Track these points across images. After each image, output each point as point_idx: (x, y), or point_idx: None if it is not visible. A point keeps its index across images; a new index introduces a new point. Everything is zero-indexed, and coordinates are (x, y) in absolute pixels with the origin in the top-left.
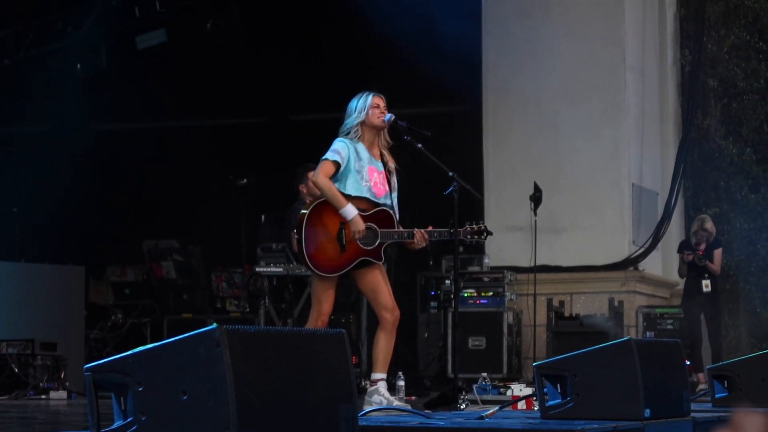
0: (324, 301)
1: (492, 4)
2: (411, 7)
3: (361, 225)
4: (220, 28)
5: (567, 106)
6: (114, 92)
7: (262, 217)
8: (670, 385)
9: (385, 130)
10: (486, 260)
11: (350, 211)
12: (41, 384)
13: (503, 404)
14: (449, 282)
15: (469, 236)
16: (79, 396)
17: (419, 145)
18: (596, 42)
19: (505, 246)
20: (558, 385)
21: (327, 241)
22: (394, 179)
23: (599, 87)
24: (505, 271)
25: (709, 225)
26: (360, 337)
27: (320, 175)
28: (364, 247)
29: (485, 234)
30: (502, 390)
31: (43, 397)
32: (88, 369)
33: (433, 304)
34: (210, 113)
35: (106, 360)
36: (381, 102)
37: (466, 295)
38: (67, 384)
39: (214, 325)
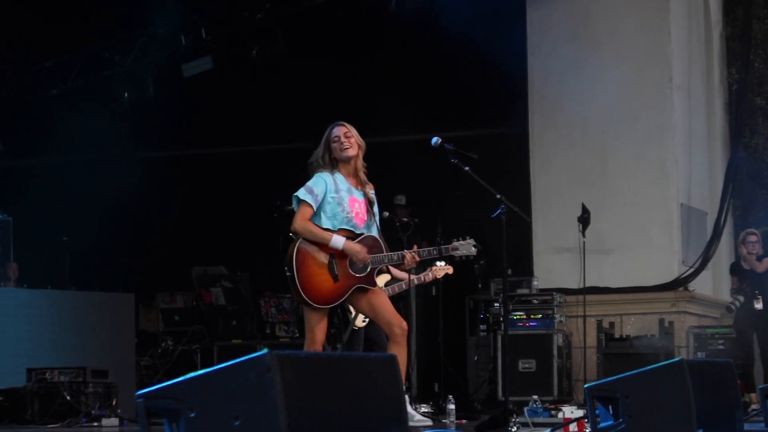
0: (318, 331)
1: (537, 26)
2: (457, 31)
3: (355, 247)
4: (266, 54)
5: (614, 126)
6: (161, 120)
7: None
8: (722, 406)
9: (359, 156)
10: (535, 282)
11: (338, 240)
12: (93, 411)
13: (555, 427)
14: (498, 305)
15: (457, 252)
16: (131, 423)
17: (466, 168)
18: (642, 62)
19: (553, 268)
20: (610, 407)
21: (319, 273)
22: (375, 207)
23: (646, 107)
24: (554, 292)
25: (754, 231)
26: (410, 360)
27: (299, 221)
28: (357, 275)
29: (474, 248)
30: (553, 412)
31: (95, 424)
32: (140, 395)
33: (482, 327)
34: (256, 139)
35: (157, 386)
36: (342, 131)
37: (515, 317)
38: (119, 411)
39: (265, 350)
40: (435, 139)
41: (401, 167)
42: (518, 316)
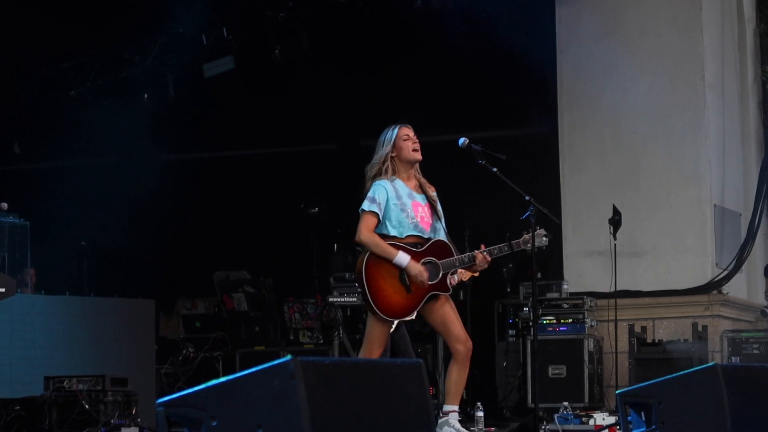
0: (378, 346)
1: (566, 24)
2: (484, 29)
3: (418, 268)
4: (288, 54)
5: (645, 126)
6: (182, 121)
7: (335, 246)
8: (757, 412)
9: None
10: (565, 286)
11: (403, 258)
12: (112, 420)
13: None
14: (527, 309)
15: (529, 246)
16: None
17: (494, 169)
18: (674, 60)
19: (584, 271)
20: (642, 414)
21: (391, 284)
22: (438, 208)
23: (678, 106)
24: (585, 296)
25: None
26: (437, 367)
27: (363, 232)
28: (429, 282)
29: (545, 238)
30: (584, 419)
31: None
32: (160, 404)
33: (511, 332)
34: (280, 141)
35: (178, 394)
36: (410, 132)
37: (545, 322)
38: (139, 420)
39: (289, 356)
40: (462, 140)
41: (428, 169)
42: (548, 321)
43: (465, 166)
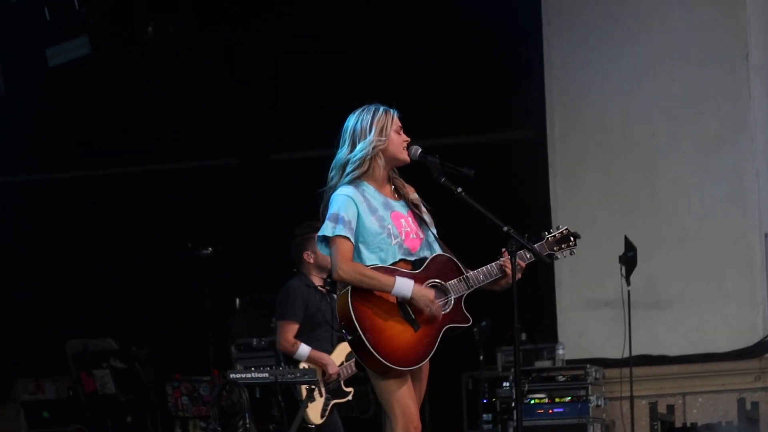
0: (411, 404)
1: None
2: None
3: (426, 293)
4: (167, 32)
5: (667, 126)
6: (18, 127)
7: (237, 300)
8: None
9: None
10: (560, 351)
11: (405, 285)
12: None
13: None
14: (508, 384)
15: (556, 248)
16: None
17: (459, 190)
18: (707, 35)
19: (585, 329)
20: None
21: (392, 324)
22: (425, 213)
23: (713, 98)
24: (588, 365)
25: None
26: None
27: (342, 265)
28: (442, 312)
29: (573, 239)
30: None
31: None
32: None
33: (486, 416)
34: (157, 154)
35: None
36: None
37: (533, 401)
38: None
39: None
40: (414, 150)
41: None
42: (537, 400)
43: (421, 183)
